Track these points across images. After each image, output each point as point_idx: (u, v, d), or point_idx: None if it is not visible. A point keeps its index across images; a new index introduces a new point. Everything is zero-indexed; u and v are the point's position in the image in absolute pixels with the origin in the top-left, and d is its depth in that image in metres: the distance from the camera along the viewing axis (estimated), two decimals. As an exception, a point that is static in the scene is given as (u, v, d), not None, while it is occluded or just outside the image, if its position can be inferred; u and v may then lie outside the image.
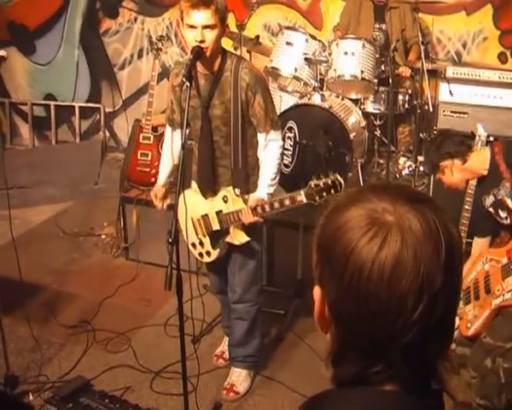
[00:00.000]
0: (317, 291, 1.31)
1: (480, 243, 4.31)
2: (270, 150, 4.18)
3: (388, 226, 1.19)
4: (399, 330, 1.18)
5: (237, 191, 4.16)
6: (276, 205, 4.02)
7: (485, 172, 4.06)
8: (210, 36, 3.81)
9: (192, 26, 3.77)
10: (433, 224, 1.21)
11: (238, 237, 4.21)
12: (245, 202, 4.16)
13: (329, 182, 3.80)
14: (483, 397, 3.82)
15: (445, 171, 4.10)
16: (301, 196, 3.88)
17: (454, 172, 4.09)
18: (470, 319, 3.95)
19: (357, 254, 1.19)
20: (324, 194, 3.78)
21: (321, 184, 3.81)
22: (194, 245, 4.34)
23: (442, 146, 4.11)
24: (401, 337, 1.19)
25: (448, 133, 4.31)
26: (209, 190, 4.24)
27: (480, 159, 4.06)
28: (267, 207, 4.05)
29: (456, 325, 1.22)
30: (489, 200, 4.09)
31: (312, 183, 3.83)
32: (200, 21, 3.75)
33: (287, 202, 3.98)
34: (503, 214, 4.05)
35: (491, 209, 4.11)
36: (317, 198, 3.81)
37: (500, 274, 3.90)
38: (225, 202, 4.15)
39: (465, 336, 3.97)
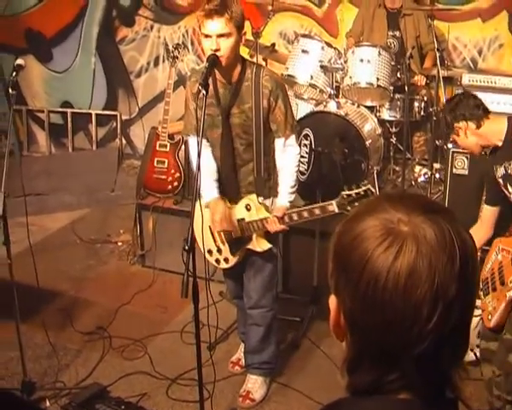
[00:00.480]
0: (332, 300, 1.33)
1: (489, 211, 4.25)
2: (289, 156, 4.20)
3: (403, 236, 1.21)
4: (414, 338, 1.19)
5: (260, 199, 4.18)
6: (306, 214, 4.05)
7: (500, 144, 4.01)
8: (225, 44, 3.83)
9: (207, 36, 3.80)
10: (448, 233, 1.22)
11: (261, 245, 4.22)
12: (267, 209, 4.17)
13: (362, 192, 3.81)
14: (509, 393, 3.81)
15: (459, 132, 4.05)
16: (333, 206, 3.90)
17: (468, 135, 4.03)
18: (490, 310, 3.92)
19: (373, 263, 1.20)
20: (356, 204, 3.78)
21: (353, 194, 3.83)
22: (210, 252, 4.34)
23: (457, 107, 4.05)
24: (416, 346, 1.20)
25: (465, 95, 4.22)
26: (233, 197, 4.25)
27: (495, 128, 4.02)
28: (295, 217, 4.07)
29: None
30: (500, 171, 4.03)
31: (344, 193, 3.85)
32: (214, 30, 3.78)
33: (317, 212, 4.00)
34: (511, 189, 4.02)
35: (500, 181, 4.07)
36: (348, 208, 3.82)
37: (511, 266, 3.87)
38: (248, 210, 4.16)
39: (488, 328, 3.94)
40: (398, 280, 1.18)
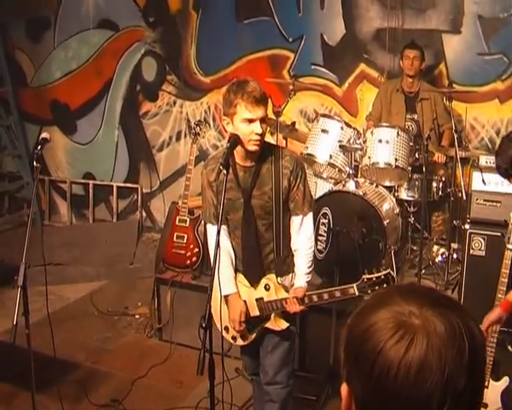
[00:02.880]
0: (344, 388, 1.36)
1: None
2: (306, 235, 4.24)
3: (415, 329, 1.25)
4: None
5: (280, 280, 4.21)
6: (326, 296, 4.09)
7: None
8: (265, 128, 3.96)
9: (251, 121, 3.88)
10: (457, 327, 1.26)
11: (279, 324, 4.24)
12: (286, 289, 4.21)
13: (382, 276, 3.85)
14: None
15: None
16: (354, 290, 3.94)
17: None
18: None
19: (385, 354, 1.24)
20: (377, 288, 3.82)
21: (374, 278, 3.87)
22: (227, 329, 4.36)
23: (508, 150, 3.86)
24: None
25: (510, 137, 4.02)
26: (257, 277, 4.26)
27: None
28: (315, 298, 4.11)
29: None
30: None
31: (365, 277, 3.90)
32: (260, 116, 3.88)
33: (337, 294, 4.05)
34: None
35: None
36: (369, 292, 3.86)
37: None
38: (267, 289, 4.19)
39: None
40: (409, 371, 1.21)
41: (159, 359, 6.11)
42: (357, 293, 3.92)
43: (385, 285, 3.80)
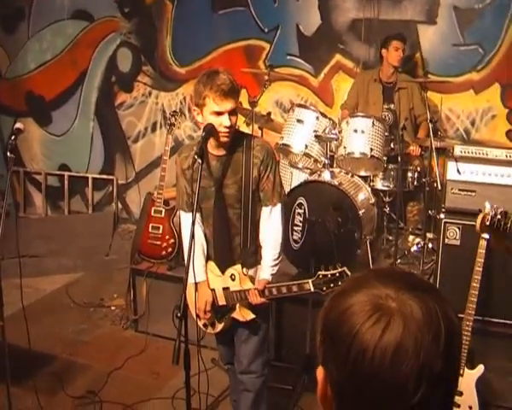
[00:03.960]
0: (320, 371, 1.36)
1: None
2: (274, 227, 4.22)
3: (391, 312, 1.24)
4: None
5: (245, 271, 4.21)
6: (284, 290, 4.09)
7: None
8: (234, 120, 3.95)
9: (220, 113, 3.88)
10: (434, 312, 1.26)
11: (244, 315, 4.25)
12: (252, 280, 4.21)
13: (337, 274, 3.86)
14: None
15: None
16: (309, 285, 3.96)
17: None
18: None
19: (361, 337, 1.24)
20: (332, 285, 3.84)
21: (329, 275, 3.88)
22: (199, 316, 4.36)
23: None
24: None
25: None
26: (227, 266, 4.25)
27: None
28: (274, 291, 4.11)
29: None
30: None
31: (321, 273, 3.91)
32: (228, 108, 3.87)
33: (294, 289, 4.06)
34: None
35: None
36: (324, 288, 3.88)
37: None
38: (233, 280, 4.19)
39: None
40: (385, 355, 1.21)
41: (135, 350, 6.09)
42: (312, 289, 3.94)
43: (339, 283, 3.81)
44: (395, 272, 1.44)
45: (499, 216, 4.04)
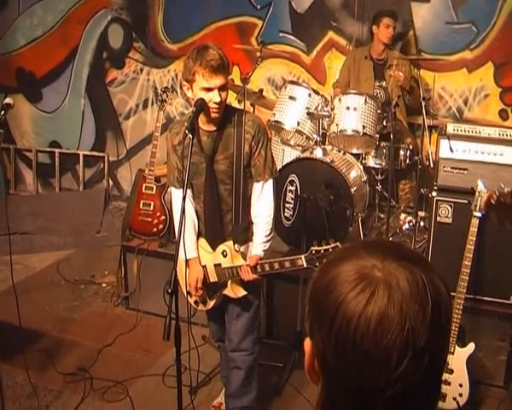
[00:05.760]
0: (307, 343, 1.35)
1: None
2: (266, 203, 4.21)
3: (376, 282, 1.22)
4: (383, 384, 1.20)
5: (237, 247, 4.19)
6: (276, 266, 4.07)
7: None
8: (224, 95, 3.91)
9: (209, 89, 3.85)
10: (421, 282, 1.24)
11: (235, 291, 4.24)
12: (243, 256, 4.19)
13: (330, 249, 3.84)
14: None
15: None
16: (302, 261, 3.95)
17: None
18: None
19: (346, 307, 1.22)
20: (324, 260, 3.81)
21: (322, 251, 3.87)
22: (190, 293, 4.34)
23: None
24: (385, 391, 1.20)
25: None
26: (218, 242, 4.25)
27: None
28: (267, 267, 4.09)
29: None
30: None
31: (314, 249, 3.90)
32: (218, 84, 3.84)
33: (287, 265, 4.04)
34: None
35: None
36: (317, 264, 3.87)
37: None
38: (224, 256, 4.18)
39: None
40: (369, 325, 1.19)
41: (125, 327, 6.09)
42: (305, 264, 3.94)
43: None
44: (383, 242, 1.43)
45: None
